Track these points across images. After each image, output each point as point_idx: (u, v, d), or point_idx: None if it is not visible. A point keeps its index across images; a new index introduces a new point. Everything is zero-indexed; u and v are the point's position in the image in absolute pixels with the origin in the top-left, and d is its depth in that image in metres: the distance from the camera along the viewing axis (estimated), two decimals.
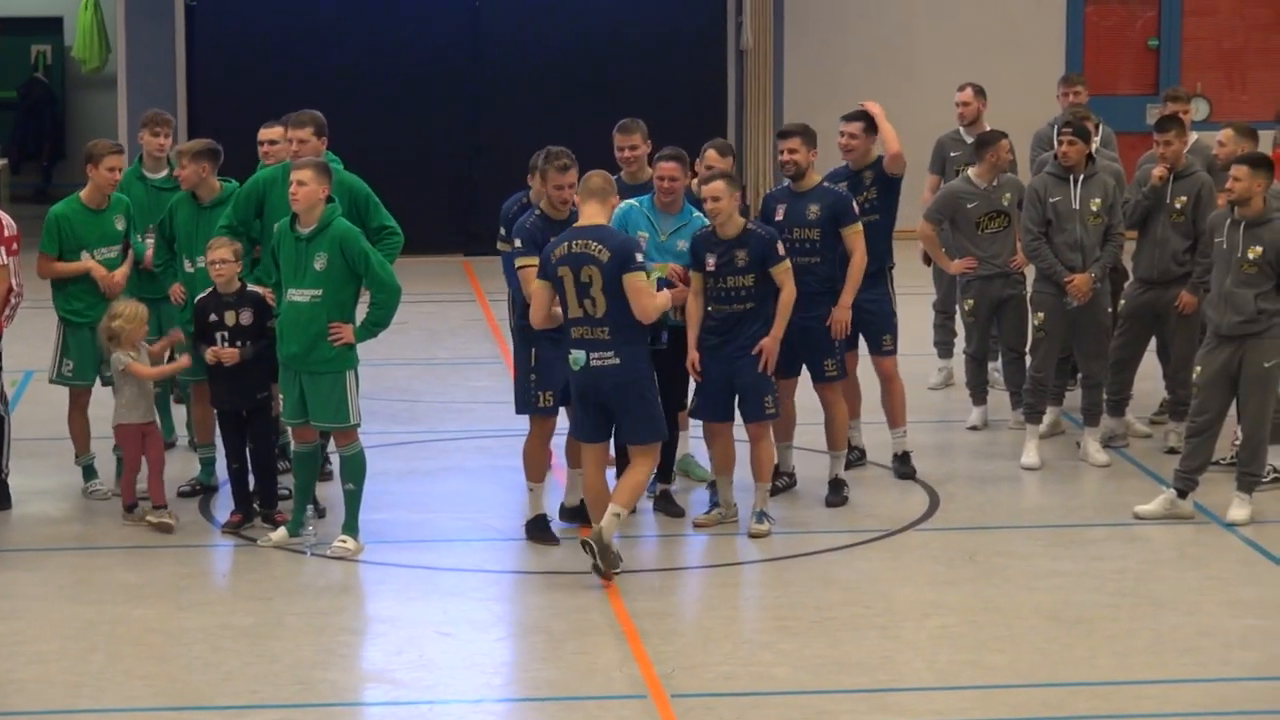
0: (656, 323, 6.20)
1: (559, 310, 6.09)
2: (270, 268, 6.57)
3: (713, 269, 6.39)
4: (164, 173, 7.60)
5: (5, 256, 6.74)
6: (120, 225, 7.15)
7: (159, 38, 13.60)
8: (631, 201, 6.66)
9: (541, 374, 6.45)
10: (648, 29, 13.30)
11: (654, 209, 6.69)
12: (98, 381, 7.13)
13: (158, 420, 7.16)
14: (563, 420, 6.63)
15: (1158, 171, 7.50)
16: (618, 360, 5.99)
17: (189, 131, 10.99)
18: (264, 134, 7.40)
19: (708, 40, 13.57)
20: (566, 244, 6.00)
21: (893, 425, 7.48)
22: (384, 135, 12.24)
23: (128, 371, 6.67)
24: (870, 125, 7.21)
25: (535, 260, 6.14)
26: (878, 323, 7.30)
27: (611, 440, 6.33)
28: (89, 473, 7.29)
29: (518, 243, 6.34)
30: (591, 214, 6.08)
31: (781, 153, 7.00)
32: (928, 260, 8.59)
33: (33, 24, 16.62)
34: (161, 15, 13.52)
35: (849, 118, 7.26)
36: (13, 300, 6.85)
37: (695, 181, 6.74)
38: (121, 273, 7.08)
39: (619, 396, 6.05)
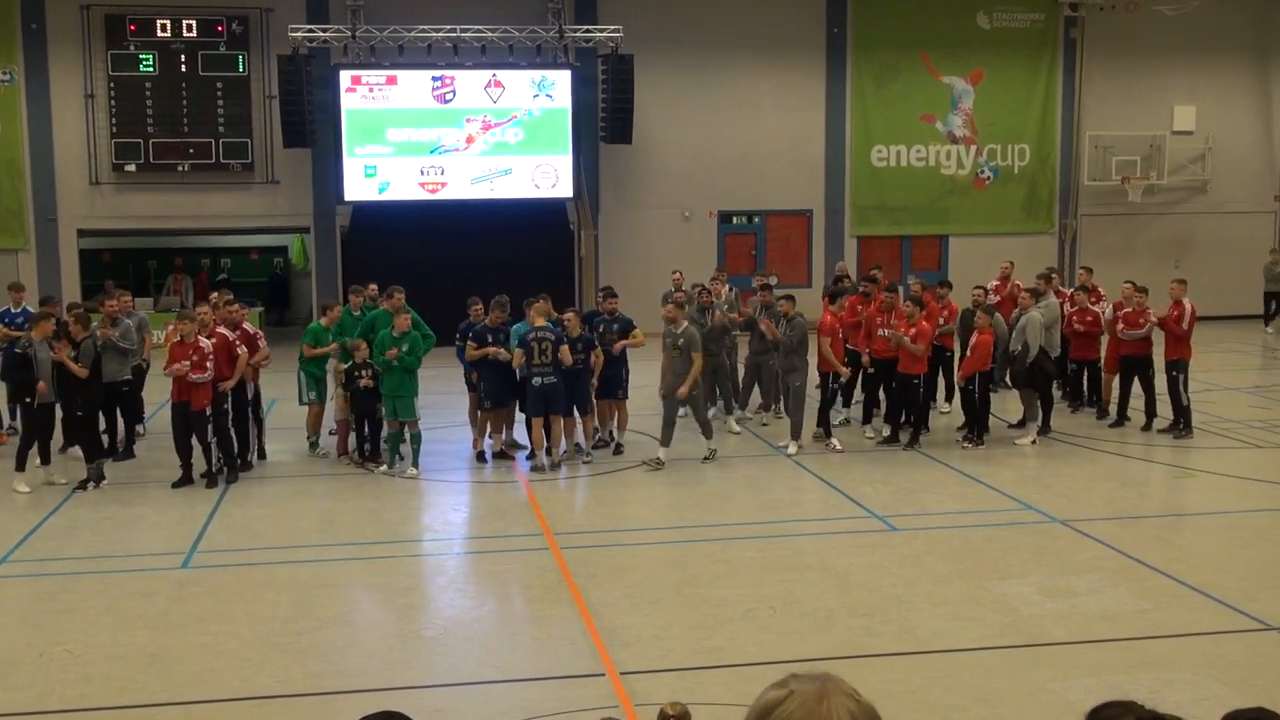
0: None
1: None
2: (378, 351, 13.97)
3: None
4: (359, 312, 15.59)
5: (253, 351, 14.19)
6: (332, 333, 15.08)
7: (330, 255, 25.99)
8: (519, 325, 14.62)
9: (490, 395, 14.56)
10: (541, 249, 25.29)
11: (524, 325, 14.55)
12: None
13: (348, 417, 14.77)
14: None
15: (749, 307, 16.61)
16: (555, 380, 13.84)
17: (344, 296, 18.71)
18: (369, 292, 16.17)
19: (562, 251, 25.88)
20: (534, 332, 13.91)
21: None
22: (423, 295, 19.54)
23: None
24: (613, 294, 15.59)
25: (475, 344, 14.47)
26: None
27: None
28: (313, 445, 15.24)
29: (472, 337, 14.56)
30: (539, 321, 14.13)
31: (601, 300, 15.71)
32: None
33: (273, 249, 31.22)
34: (331, 244, 25.90)
35: (607, 293, 15.76)
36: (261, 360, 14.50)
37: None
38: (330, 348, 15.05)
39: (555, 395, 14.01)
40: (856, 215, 27.68)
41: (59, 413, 13.65)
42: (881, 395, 15.89)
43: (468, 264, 24.13)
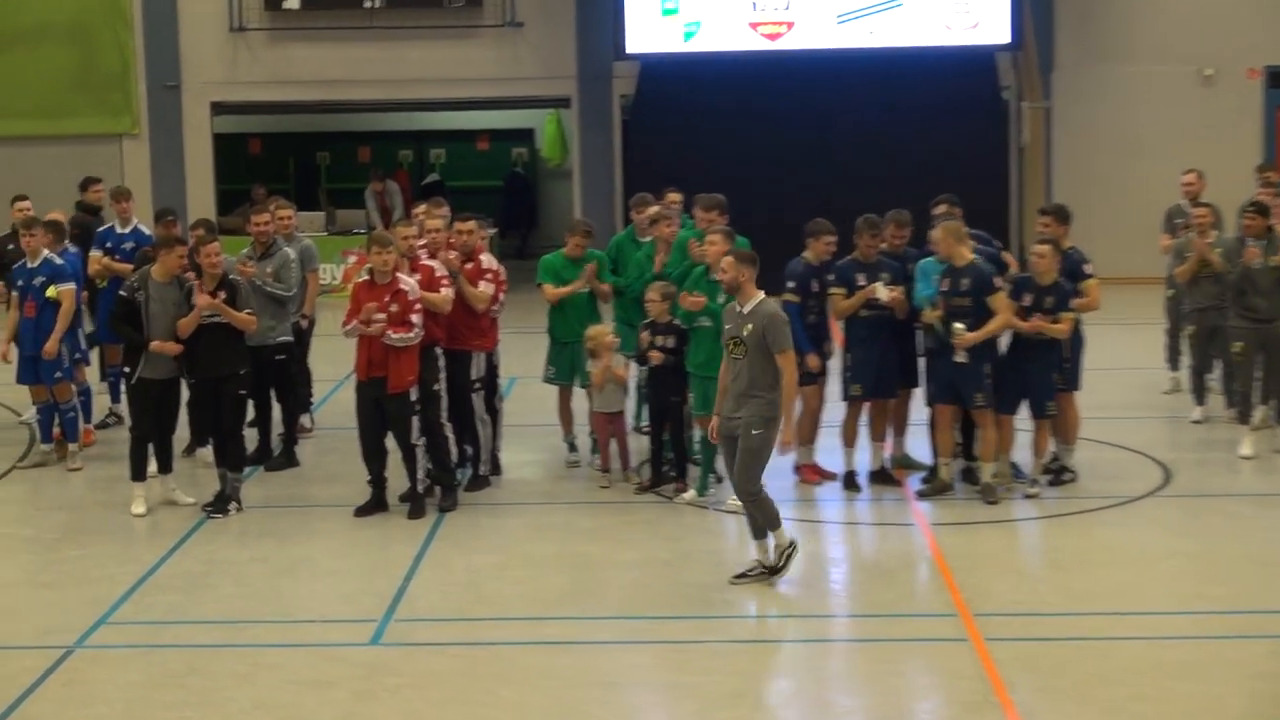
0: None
1: None
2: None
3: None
4: (647, 239, 15.51)
5: (497, 293, 14.54)
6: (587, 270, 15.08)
7: (603, 143, 28.00)
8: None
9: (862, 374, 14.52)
10: (952, 132, 25.82)
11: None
12: (577, 382, 15.32)
13: (625, 409, 14.89)
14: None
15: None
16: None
17: (623, 213, 22.00)
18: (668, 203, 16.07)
19: (988, 136, 26.69)
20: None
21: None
22: (753, 209, 20.60)
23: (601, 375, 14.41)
24: (1061, 217, 14.72)
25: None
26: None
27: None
28: (571, 448, 15.47)
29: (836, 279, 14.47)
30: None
31: (1039, 227, 14.93)
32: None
33: (512, 134, 33.99)
34: (605, 126, 27.93)
35: (1045, 210, 15.44)
36: (495, 308, 14.63)
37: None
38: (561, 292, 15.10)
39: None
40: None
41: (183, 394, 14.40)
42: None
43: (829, 160, 24.17)
